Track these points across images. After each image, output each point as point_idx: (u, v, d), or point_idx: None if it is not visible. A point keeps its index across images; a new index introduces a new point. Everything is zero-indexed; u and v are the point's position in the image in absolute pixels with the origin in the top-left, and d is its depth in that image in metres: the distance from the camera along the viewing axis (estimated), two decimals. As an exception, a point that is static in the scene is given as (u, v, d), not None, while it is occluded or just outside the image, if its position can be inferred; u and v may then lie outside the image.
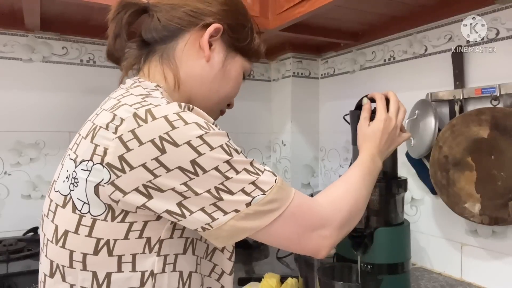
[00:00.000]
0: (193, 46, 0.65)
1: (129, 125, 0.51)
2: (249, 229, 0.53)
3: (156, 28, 0.66)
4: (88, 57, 1.44)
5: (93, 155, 0.51)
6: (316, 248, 0.59)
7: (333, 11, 1.18)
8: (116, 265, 0.53)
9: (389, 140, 0.79)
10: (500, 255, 1.00)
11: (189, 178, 0.50)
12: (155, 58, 0.66)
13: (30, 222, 1.33)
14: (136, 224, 0.52)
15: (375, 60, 1.39)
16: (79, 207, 0.53)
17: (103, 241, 0.52)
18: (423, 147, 1.10)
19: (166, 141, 0.49)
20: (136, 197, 0.50)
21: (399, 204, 0.91)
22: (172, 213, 0.51)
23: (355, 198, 0.65)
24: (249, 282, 1.01)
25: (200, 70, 0.66)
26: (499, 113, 0.94)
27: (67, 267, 0.53)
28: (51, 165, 1.38)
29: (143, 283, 0.54)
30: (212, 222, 0.51)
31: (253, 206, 0.52)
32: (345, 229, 0.63)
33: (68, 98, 1.40)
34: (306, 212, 0.58)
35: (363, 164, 0.72)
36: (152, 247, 0.54)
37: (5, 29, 1.32)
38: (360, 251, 0.86)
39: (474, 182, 0.98)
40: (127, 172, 0.49)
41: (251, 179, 0.53)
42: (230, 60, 0.69)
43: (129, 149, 0.49)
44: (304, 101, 1.68)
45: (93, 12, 1.27)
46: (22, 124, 1.35)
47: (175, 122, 0.51)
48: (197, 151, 0.50)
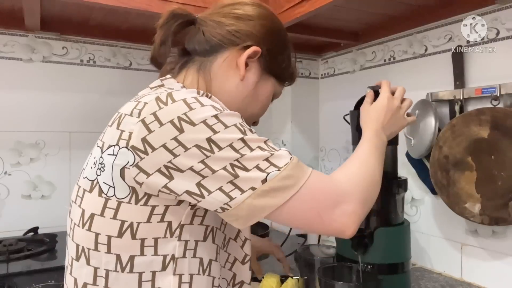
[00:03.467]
0: (231, 64, 0.68)
1: (152, 108, 0.54)
2: (267, 207, 0.54)
3: (200, 41, 0.69)
4: (88, 57, 1.44)
5: (119, 139, 0.55)
6: (342, 226, 0.57)
7: (333, 11, 1.18)
8: (139, 248, 0.55)
9: (393, 118, 0.79)
10: (500, 255, 1.00)
11: (206, 156, 0.52)
12: (193, 67, 0.69)
13: (30, 222, 1.33)
14: (158, 208, 0.55)
15: (375, 60, 1.39)
16: (105, 190, 0.55)
17: (127, 223, 0.54)
18: (423, 147, 1.10)
19: (184, 121, 0.52)
20: (158, 178, 0.53)
21: (399, 204, 0.91)
22: (192, 193, 0.53)
23: (370, 172, 0.65)
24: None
25: (233, 87, 0.68)
26: (499, 113, 0.94)
27: (92, 249, 0.56)
28: (51, 165, 1.38)
29: (165, 267, 0.56)
30: (230, 201, 0.53)
31: (269, 183, 0.53)
32: (368, 203, 0.62)
33: (68, 98, 1.40)
34: (325, 188, 0.57)
35: (369, 140, 0.73)
36: (173, 231, 0.56)
37: (5, 29, 1.32)
38: (360, 251, 0.86)
39: (474, 182, 0.97)
40: (150, 154, 0.52)
41: (265, 155, 0.54)
42: (263, 82, 0.71)
43: (151, 131, 0.53)
44: (304, 101, 1.68)
45: (93, 12, 1.27)
46: (22, 124, 1.35)
47: (193, 104, 0.54)
48: (213, 129, 0.53)
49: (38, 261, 1.11)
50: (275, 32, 0.72)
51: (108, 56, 1.47)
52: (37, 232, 1.31)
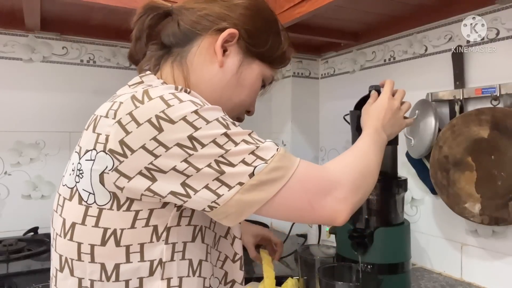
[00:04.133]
0: (207, 50, 0.64)
1: (127, 108, 0.51)
2: (257, 202, 0.52)
3: (174, 32, 0.66)
4: (88, 57, 1.44)
5: (96, 143, 0.52)
6: (333, 213, 0.56)
7: (333, 11, 1.18)
8: (124, 256, 0.52)
9: (393, 119, 0.78)
10: (500, 255, 1.00)
11: (188, 154, 0.50)
12: (169, 60, 0.66)
13: (30, 222, 1.33)
14: (142, 212, 0.52)
15: (375, 60, 1.39)
16: (85, 198, 0.53)
17: (110, 230, 0.52)
18: (423, 147, 1.10)
19: (162, 119, 0.49)
20: (140, 182, 0.50)
21: (399, 204, 0.91)
22: (177, 194, 0.50)
23: (364, 161, 0.64)
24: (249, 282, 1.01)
25: (213, 76, 0.64)
26: (499, 113, 0.94)
27: (76, 260, 0.53)
28: (51, 165, 1.38)
29: (152, 272, 0.53)
30: (217, 199, 0.50)
31: (257, 176, 0.51)
32: (360, 191, 0.60)
33: (68, 98, 1.40)
34: (315, 176, 0.56)
35: (367, 135, 0.72)
36: (160, 235, 0.53)
37: (5, 29, 1.32)
38: (360, 251, 0.86)
39: (474, 182, 0.97)
40: (129, 156, 0.50)
41: (251, 148, 0.52)
42: (247, 66, 0.66)
43: (128, 132, 0.50)
44: (304, 101, 1.68)
45: (93, 12, 1.27)
46: (22, 124, 1.35)
47: (170, 100, 0.51)
48: (194, 126, 0.50)
49: (38, 261, 1.11)
50: (253, 10, 0.66)
51: (108, 56, 1.47)
52: (37, 232, 1.31)
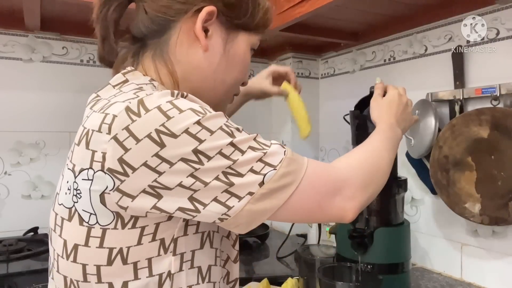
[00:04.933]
0: (188, 37, 0.58)
1: (123, 122, 0.47)
2: (268, 210, 0.50)
3: (144, 21, 0.60)
4: (88, 57, 1.44)
5: (92, 162, 0.48)
6: (341, 211, 0.55)
7: (333, 11, 1.18)
8: (132, 273, 0.50)
9: (404, 113, 0.78)
10: (500, 255, 1.00)
11: (195, 168, 0.46)
12: (147, 55, 0.60)
13: (30, 222, 1.33)
14: (148, 227, 0.50)
15: (375, 60, 1.39)
16: (86, 218, 0.49)
17: (115, 250, 0.49)
18: (423, 147, 1.10)
19: (163, 134, 0.46)
20: (145, 200, 0.47)
21: (399, 204, 0.91)
22: (186, 210, 0.48)
23: (374, 158, 0.63)
24: (249, 282, 1.01)
25: (201, 62, 0.59)
26: (499, 113, 0.94)
27: (81, 281, 0.50)
28: (51, 165, 1.38)
29: (161, 285, 0.51)
30: (228, 211, 0.48)
31: (267, 185, 0.49)
32: (370, 189, 0.59)
33: (68, 98, 1.40)
34: (323, 177, 0.55)
35: (382, 131, 0.70)
36: (167, 247, 0.51)
37: (5, 29, 1.32)
38: (360, 251, 0.86)
39: (474, 182, 0.97)
40: (130, 175, 0.46)
41: (258, 155, 0.50)
42: (233, 41, 0.61)
43: (127, 149, 0.46)
44: (304, 101, 1.67)
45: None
46: (22, 124, 1.35)
47: (170, 111, 0.47)
48: (197, 138, 0.47)
49: (38, 261, 1.11)
50: None
51: (108, 56, 1.47)
52: (37, 232, 1.31)
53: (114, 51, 0.61)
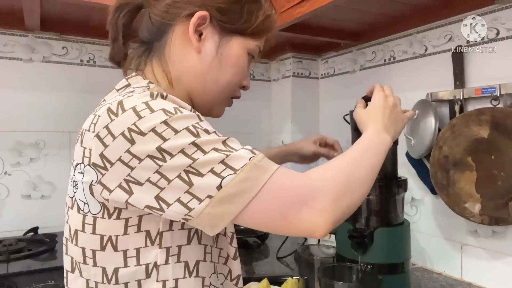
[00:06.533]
0: (182, 39, 0.62)
1: (104, 121, 0.52)
2: (227, 215, 0.50)
3: (147, 25, 0.65)
4: (88, 57, 1.44)
5: (84, 157, 0.54)
6: (309, 225, 0.52)
7: (333, 11, 1.18)
8: (122, 260, 0.54)
9: (393, 116, 0.74)
10: (500, 255, 1.00)
11: (159, 166, 0.49)
12: (150, 57, 0.65)
13: (30, 222, 1.33)
14: (132, 219, 0.54)
15: (375, 60, 1.39)
16: (82, 207, 0.55)
17: (106, 237, 0.54)
18: (423, 147, 1.09)
19: (134, 132, 0.50)
20: (120, 194, 0.51)
21: (399, 204, 0.91)
22: (152, 208, 0.51)
23: (351, 167, 0.59)
24: (249, 282, 1.01)
25: (193, 64, 0.63)
26: (499, 113, 0.94)
27: (82, 263, 0.56)
28: (51, 165, 1.38)
29: (149, 275, 0.55)
30: (189, 212, 0.50)
31: (225, 189, 0.49)
32: (344, 200, 0.55)
33: (68, 98, 1.40)
34: (289, 186, 0.53)
35: (365, 139, 0.68)
36: (154, 239, 0.55)
37: (5, 29, 1.32)
38: (360, 251, 0.86)
39: (474, 182, 0.97)
40: (109, 169, 0.51)
41: (221, 157, 0.50)
42: (226, 44, 0.64)
43: (106, 146, 0.51)
44: (304, 101, 1.68)
45: (93, 12, 1.27)
46: (22, 124, 1.35)
47: (142, 111, 0.51)
48: (162, 137, 0.49)
49: (38, 261, 1.11)
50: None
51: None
52: (37, 232, 1.31)
53: (122, 52, 0.66)
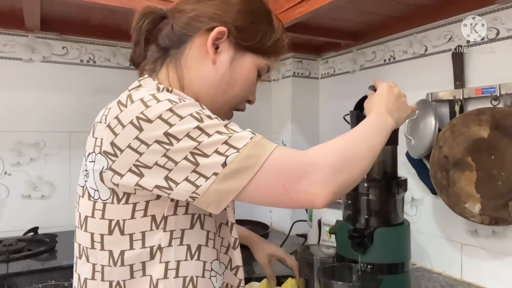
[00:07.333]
0: (200, 50, 0.67)
1: (114, 112, 0.57)
2: (232, 190, 0.54)
3: (168, 34, 0.70)
4: (88, 57, 1.44)
5: (95, 146, 0.58)
6: (310, 196, 0.56)
7: (333, 11, 1.18)
8: (128, 243, 0.59)
9: (397, 102, 0.76)
10: (500, 255, 1.00)
11: (166, 149, 0.54)
12: (166, 62, 0.70)
13: (30, 222, 1.33)
14: (139, 204, 0.58)
15: (375, 60, 1.39)
16: (92, 194, 0.60)
17: (114, 221, 0.58)
18: (423, 147, 1.10)
19: (141, 120, 0.54)
20: (131, 178, 0.55)
21: (399, 204, 0.91)
22: (161, 187, 0.55)
23: (352, 144, 0.62)
24: (249, 282, 1.01)
25: (206, 73, 0.68)
26: (499, 113, 0.94)
27: (89, 248, 0.60)
28: (51, 165, 1.38)
29: (153, 256, 0.60)
30: (196, 189, 0.54)
31: (229, 165, 0.54)
32: (343, 173, 0.58)
33: (68, 98, 1.40)
34: (289, 161, 0.56)
35: (368, 120, 0.70)
36: (158, 223, 0.59)
37: (5, 29, 1.32)
38: (360, 251, 0.86)
39: (474, 182, 0.97)
40: (119, 156, 0.55)
41: (224, 138, 0.55)
42: (239, 60, 0.69)
43: (116, 134, 0.55)
44: (304, 101, 1.68)
45: (93, 12, 1.27)
46: (22, 124, 1.35)
47: (149, 101, 0.56)
48: (168, 123, 0.54)
49: (38, 261, 1.11)
50: (242, 5, 0.69)
51: (108, 56, 1.47)
52: (37, 232, 1.31)
53: (143, 55, 0.71)
